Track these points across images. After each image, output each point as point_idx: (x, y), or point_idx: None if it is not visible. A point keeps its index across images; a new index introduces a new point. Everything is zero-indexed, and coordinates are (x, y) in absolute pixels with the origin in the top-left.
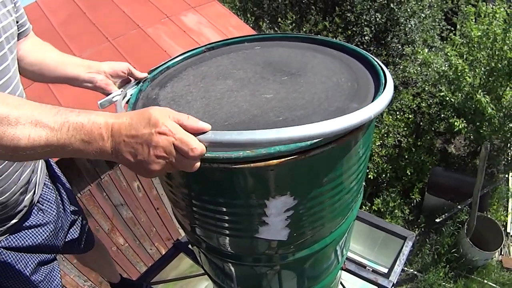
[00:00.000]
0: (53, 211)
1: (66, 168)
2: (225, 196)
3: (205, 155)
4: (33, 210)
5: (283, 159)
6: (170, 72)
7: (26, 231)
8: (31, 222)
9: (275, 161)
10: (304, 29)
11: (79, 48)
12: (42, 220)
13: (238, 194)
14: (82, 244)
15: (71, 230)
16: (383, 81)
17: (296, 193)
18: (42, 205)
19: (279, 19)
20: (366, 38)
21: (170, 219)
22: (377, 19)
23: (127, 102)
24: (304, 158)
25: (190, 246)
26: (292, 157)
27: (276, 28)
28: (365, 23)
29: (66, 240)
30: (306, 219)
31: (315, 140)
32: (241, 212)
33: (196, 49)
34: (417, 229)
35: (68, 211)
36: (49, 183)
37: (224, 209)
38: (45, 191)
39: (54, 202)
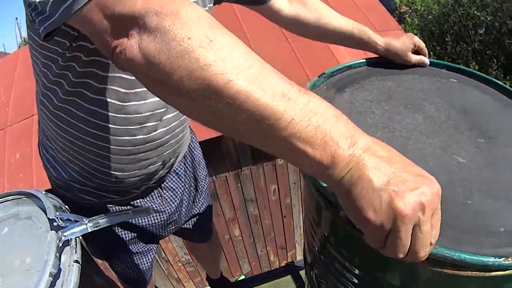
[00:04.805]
0: (174, 204)
1: (209, 146)
2: None
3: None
4: (153, 192)
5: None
6: (351, 73)
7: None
8: (145, 204)
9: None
10: None
11: (256, 41)
12: (157, 208)
13: None
14: (197, 236)
15: (190, 220)
16: None
17: None
18: (165, 193)
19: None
20: None
21: (292, 230)
22: None
23: None
24: None
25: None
26: None
27: None
28: None
29: (183, 227)
30: None
31: None
32: None
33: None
34: None
35: (198, 202)
36: (187, 168)
37: None
38: (173, 179)
39: (180, 193)
